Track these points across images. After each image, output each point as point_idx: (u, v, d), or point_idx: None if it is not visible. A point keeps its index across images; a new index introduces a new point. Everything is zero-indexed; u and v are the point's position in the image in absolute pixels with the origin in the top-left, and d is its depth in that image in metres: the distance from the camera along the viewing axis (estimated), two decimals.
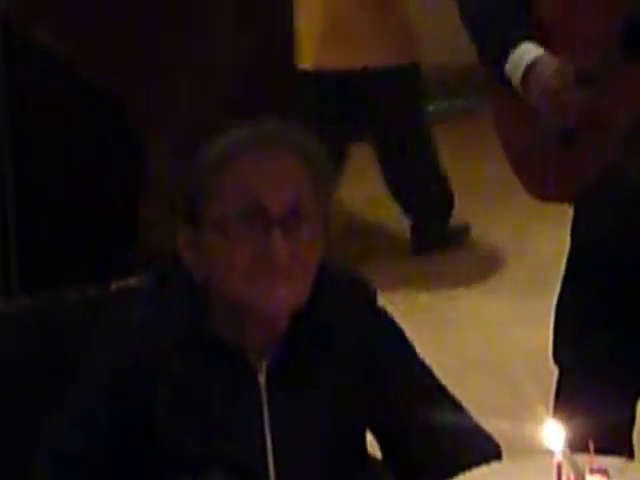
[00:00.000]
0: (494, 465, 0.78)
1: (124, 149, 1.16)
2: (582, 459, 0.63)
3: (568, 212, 1.20)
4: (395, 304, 1.12)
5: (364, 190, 3.26)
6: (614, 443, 0.91)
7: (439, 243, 2.91)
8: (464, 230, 2.93)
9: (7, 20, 1.10)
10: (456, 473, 0.69)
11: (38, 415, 0.80)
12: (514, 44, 1.10)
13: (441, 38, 3.67)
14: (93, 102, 1.21)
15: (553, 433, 0.61)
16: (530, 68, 1.09)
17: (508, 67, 1.12)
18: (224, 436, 0.75)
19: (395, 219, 3.08)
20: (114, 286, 0.96)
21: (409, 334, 0.86)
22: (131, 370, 0.75)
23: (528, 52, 1.10)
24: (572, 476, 0.63)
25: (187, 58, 1.69)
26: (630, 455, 1.05)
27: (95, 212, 1.12)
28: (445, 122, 3.64)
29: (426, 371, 0.85)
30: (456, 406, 0.84)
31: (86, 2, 1.56)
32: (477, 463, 0.71)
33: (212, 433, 0.75)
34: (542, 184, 1.21)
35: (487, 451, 0.77)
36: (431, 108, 3.56)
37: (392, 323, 0.86)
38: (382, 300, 0.86)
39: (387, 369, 0.82)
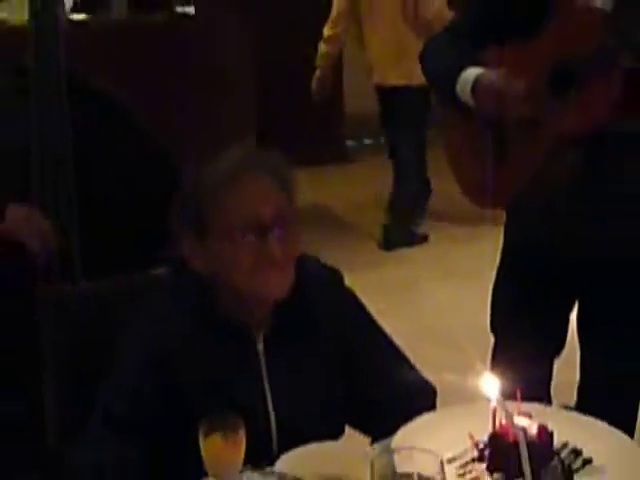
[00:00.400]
0: (443, 410, 1.03)
1: (161, 177, 1.45)
2: (511, 405, 0.81)
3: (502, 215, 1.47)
4: (368, 286, 1.25)
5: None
6: (536, 393, 1.12)
7: (405, 242, 3.49)
8: (424, 237, 3.57)
9: (72, 75, 1.39)
10: (407, 412, 0.94)
11: (97, 377, 0.99)
12: (462, 69, 1.29)
13: None
14: (141, 142, 1.53)
15: (490, 385, 0.77)
16: (478, 79, 1.27)
17: (459, 87, 1.29)
18: (235, 392, 0.97)
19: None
20: (147, 274, 1.23)
21: (383, 309, 1.06)
22: (166, 348, 0.96)
23: (475, 71, 1.28)
24: (504, 418, 0.83)
25: (205, 118, 2.57)
26: (548, 402, 1.31)
27: (137, 221, 1.42)
28: None
29: (382, 333, 1.10)
30: (405, 360, 1.11)
31: (131, 70, 2.26)
32: (421, 403, 1.00)
33: (225, 390, 0.96)
34: (481, 194, 1.42)
35: (427, 392, 1.08)
36: None
37: (355, 297, 1.10)
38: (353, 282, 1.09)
39: (353, 332, 1.07)
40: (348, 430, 1.09)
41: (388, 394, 1.05)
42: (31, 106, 1.41)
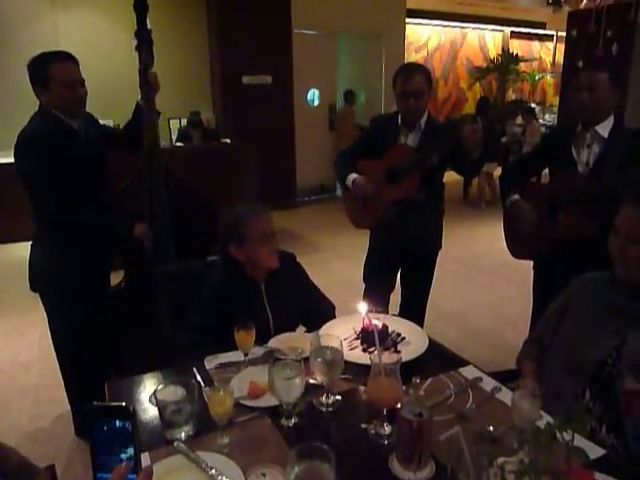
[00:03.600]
0: (341, 317, 1.87)
1: (211, 213, 2.43)
2: (370, 315, 1.56)
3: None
4: (306, 263, 2.15)
5: None
6: (382, 307, 2.19)
7: None
8: None
9: (167, 168, 2.35)
10: (323, 317, 1.83)
11: (184, 305, 1.82)
12: (349, 173, 2.44)
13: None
14: (203, 200, 2.57)
15: (362, 307, 1.45)
16: (354, 180, 2.46)
17: (347, 180, 2.45)
18: (251, 309, 1.81)
19: None
20: (206, 260, 2.03)
21: (312, 272, 2.01)
22: (219, 292, 1.81)
23: (354, 175, 2.45)
24: (367, 321, 1.62)
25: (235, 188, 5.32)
26: (386, 312, 2.30)
27: (200, 232, 2.32)
28: None
29: (311, 281, 2.00)
30: (322, 294, 2.07)
31: (202, 170, 4.68)
32: (328, 313, 1.98)
33: (246, 308, 1.77)
34: (357, 222, 2.65)
35: (331, 307, 2.04)
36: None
37: (301, 266, 1.98)
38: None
39: (301, 280, 2.02)
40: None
41: (316, 308, 1.95)
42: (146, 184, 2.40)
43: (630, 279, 1.45)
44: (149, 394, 1.48)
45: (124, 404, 0.79)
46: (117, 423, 0.77)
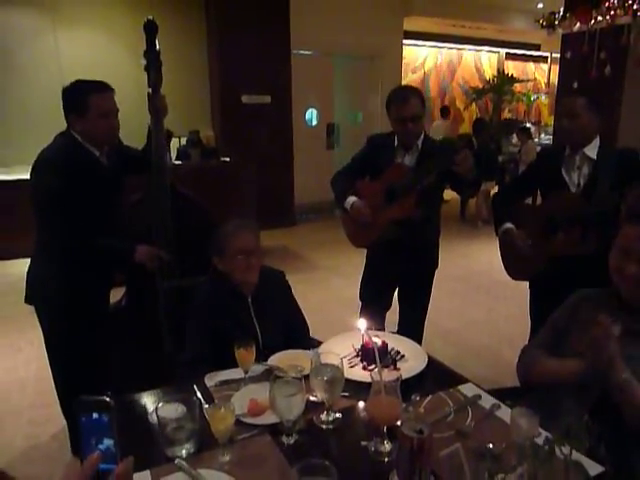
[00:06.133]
0: (341, 334, 1.87)
1: (206, 227, 2.28)
2: (370, 332, 1.60)
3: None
4: (297, 280, 2.17)
5: None
6: (379, 325, 2.25)
7: None
8: None
9: (173, 185, 2.44)
10: (301, 337, 1.89)
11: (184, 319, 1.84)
12: (346, 196, 2.45)
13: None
14: (201, 212, 2.58)
15: (361, 324, 1.47)
16: (353, 203, 2.47)
17: (346, 204, 2.46)
18: (239, 323, 1.83)
19: None
20: (199, 278, 2.04)
21: (303, 292, 1.99)
22: (207, 301, 1.83)
23: (353, 198, 2.46)
24: (367, 338, 1.65)
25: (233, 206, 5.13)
26: (383, 329, 2.36)
27: (198, 250, 2.23)
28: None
29: (297, 303, 2.05)
30: (302, 314, 2.05)
31: (201, 186, 3.54)
32: (305, 332, 2.02)
33: (236, 322, 1.80)
34: (355, 241, 2.65)
35: (307, 328, 2.04)
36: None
37: (288, 284, 2.04)
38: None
39: (288, 300, 2.02)
40: None
41: (295, 327, 1.97)
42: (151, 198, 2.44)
43: (631, 297, 1.47)
44: (150, 411, 1.48)
45: (105, 397, 0.82)
46: (95, 415, 0.81)
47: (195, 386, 1.60)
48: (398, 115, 2.46)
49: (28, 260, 2.32)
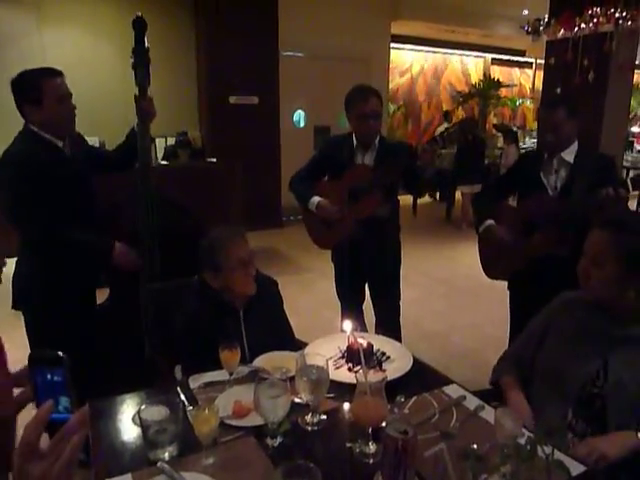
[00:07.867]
0: (327, 336, 1.86)
1: (196, 231, 2.25)
2: (355, 333, 1.57)
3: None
4: (287, 283, 2.15)
5: None
6: (359, 323, 2.35)
7: None
8: None
9: (158, 188, 2.40)
10: (290, 341, 1.87)
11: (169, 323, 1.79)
12: (311, 196, 2.46)
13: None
14: (187, 216, 2.55)
15: (347, 326, 1.46)
16: (318, 202, 2.50)
17: (310, 204, 2.49)
18: (228, 337, 1.63)
19: None
20: (187, 279, 1.99)
21: (291, 294, 1.99)
22: (193, 317, 1.76)
23: (317, 198, 2.48)
24: (352, 339, 1.64)
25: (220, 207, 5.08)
26: (364, 330, 2.47)
27: (185, 253, 2.16)
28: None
29: (286, 314, 2.02)
30: (288, 321, 2.01)
31: (187, 188, 3.77)
32: (292, 336, 2.00)
33: (224, 334, 1.65)
34: (321, 243, 2.68)
35: (292, 332, 2.02)
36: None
37: (280, 294, 2.02)
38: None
39: (279, 307, 1.98)
40: None
41: (282, 334, 1.94)
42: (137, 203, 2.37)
43: (596, 300, 1.50)
44: (132, 414, 1.46)
45: (58, 353, 0.79)
46: (49, 376, 0.79)
47: (179, 388, 1.58)
48: (361, 111, 2.52)
49: (12, 260, 2.28)
